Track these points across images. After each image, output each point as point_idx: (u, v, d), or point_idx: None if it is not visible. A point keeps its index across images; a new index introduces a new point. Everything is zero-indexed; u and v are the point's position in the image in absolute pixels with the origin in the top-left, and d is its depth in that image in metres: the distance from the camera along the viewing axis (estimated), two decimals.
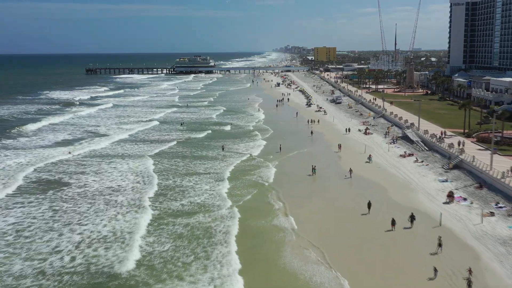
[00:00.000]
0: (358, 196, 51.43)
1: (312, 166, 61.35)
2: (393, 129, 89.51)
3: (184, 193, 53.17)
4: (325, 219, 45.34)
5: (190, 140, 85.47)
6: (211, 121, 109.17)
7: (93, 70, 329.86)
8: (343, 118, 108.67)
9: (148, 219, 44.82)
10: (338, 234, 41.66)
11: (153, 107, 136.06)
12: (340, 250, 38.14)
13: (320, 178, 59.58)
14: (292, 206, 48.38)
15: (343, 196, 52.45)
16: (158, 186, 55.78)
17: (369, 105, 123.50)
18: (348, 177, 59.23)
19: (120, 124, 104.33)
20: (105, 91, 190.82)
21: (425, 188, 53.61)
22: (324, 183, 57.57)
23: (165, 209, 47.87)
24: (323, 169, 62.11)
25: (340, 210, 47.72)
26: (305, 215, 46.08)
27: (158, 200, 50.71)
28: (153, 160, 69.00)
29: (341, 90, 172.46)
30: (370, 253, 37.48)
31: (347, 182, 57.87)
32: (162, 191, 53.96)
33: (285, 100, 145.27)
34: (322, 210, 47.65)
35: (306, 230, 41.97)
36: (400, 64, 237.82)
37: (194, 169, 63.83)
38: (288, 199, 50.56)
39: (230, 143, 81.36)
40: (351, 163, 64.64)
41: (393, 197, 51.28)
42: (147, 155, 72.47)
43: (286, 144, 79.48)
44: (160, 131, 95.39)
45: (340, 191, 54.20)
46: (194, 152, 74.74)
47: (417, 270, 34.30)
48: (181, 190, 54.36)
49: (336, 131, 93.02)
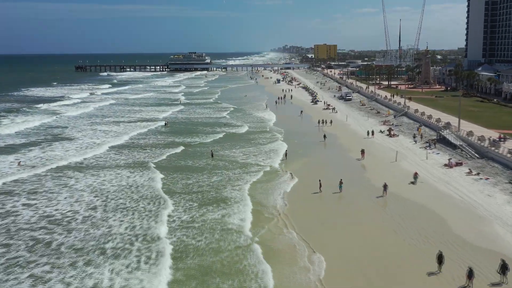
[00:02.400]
0: (406, 230, 35.14)
1: (340, 181, 45.25)
2: (423, 129, 73.26)
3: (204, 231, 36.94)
4: (363, 270, 29.10)
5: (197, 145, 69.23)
6: (221, 122, 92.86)
7: (83, 68, 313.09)
8: (358, 117, 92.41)
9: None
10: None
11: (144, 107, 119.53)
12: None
13: (345, 197, 43.44)
14: (316, 243, 32.19)
15: (383, 229, 36.07)
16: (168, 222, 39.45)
17: (385, 102, 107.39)
18: (382, 195, 43.19)
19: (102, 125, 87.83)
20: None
21: (500, 216, 37.39)
22: (351, 206, 41.30)
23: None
24: (346, 184, 45.97)
25: (386, 258, 31.42)
26: (332, 259, 29.89)
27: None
28: (161, 173, 52.52)
29: (348, 87, 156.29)
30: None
31: (381, 203, 41.65)
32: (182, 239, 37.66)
33: (288, 97, 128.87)
34: (355, 256, 31.37)
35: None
36: (409, 59, 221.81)
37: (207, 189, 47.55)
38: (308, 233, 34.37)
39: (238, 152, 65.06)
40: (381, 176, 48.83)
41: (456, 230, 35.03)
42: (152, 166, 55.62)
43: (294, 148, 63.39)
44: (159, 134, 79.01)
45: (376, 220, 37.85)
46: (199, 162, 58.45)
47: None
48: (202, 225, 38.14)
49: (351, 132, 76.79)
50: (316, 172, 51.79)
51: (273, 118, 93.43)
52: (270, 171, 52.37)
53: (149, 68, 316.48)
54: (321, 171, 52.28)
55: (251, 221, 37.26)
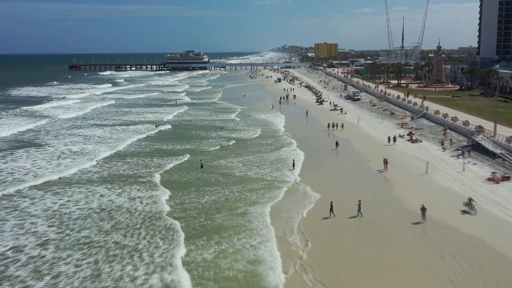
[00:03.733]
0: (468, 280, 25.46)
1: (358, 202, 35.57)
2: (449, 134, 63.59)
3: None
4: None
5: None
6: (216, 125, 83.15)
7: (77, 67, 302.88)
8: (370, 119, 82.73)
9: None
10: None
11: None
12: None
13: (368, 224, 33.78)
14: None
15: (433, 276, 26.26)
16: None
17: (398, 102, 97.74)
18: (420, 221, 33.65)
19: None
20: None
21: None
22: (380, 237, 31.54)
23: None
24: (369, 204, 36.50)
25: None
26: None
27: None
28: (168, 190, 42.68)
29: (354, 85, 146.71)
30: None
31: (421, 234, 31.94)
32: None
33: (291, 97, 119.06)
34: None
35: None
36: (415, 58, 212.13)
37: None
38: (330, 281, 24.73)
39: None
40: (413, 193, 39.78)
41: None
42: (157, 181, 45.36)
43: (302, 156, 53.77)
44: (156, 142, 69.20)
45: (419, 259, 28.09)
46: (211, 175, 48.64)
47: None
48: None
49: (366, 137, 67.11)
50: (330, 188, 42.15)
51: (283, 120, 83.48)
52: (277, 186, 42.70)
53: (145, 67, 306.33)
54: (337, 187, 42.71)
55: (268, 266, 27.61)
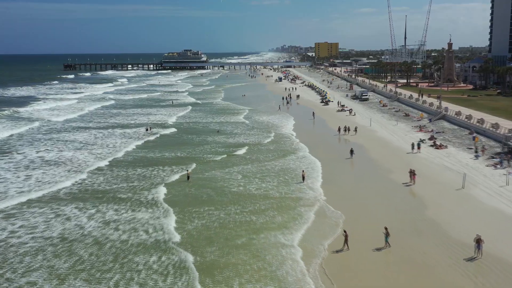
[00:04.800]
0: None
1: (384, 230, 27.82)
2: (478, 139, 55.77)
3: None
4: None
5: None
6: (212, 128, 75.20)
7: (72, 66, 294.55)
8: (383, 122, 74.86)
9: None
10: None
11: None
12: None
13: (404, 260, 26.02)
14: None
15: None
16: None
17: (410, 102, 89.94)
18: (473, 256, 25.93)
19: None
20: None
21: None
22: (421, 283, 23.74)
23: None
24: (399, 230, 28.98)
25: None
26: None
27: None
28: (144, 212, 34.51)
29: (359, 85, 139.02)
30: None
31: (476, 277, 24.16)
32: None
33: (294, 97, 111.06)
34: None
35: None
36: (421, 57, 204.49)
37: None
38: None
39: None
40: (454, 215, 32.23)
41: None
42: (161, 198, 37.40)
43: (313, 167, 45.94)
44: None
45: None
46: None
47: None
48: None
49: (383, 143, 59.17)
50: (349, 208, 34.32)
51: (291, 123, 75.74)
52: (289, 205, 34.88)
53: (142, 67, 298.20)
54: (357, 207, 34.83)
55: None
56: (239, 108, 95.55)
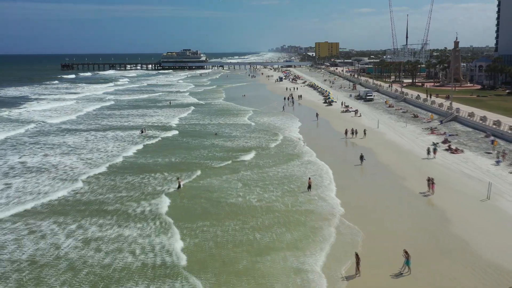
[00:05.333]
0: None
1: (403, 253, 23.82)
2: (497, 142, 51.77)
3: None
4: None
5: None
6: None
7: (70, 66, 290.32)
8: (391, 123, 70.85)
9: None
10: None
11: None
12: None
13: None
14: None
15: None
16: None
17: (418, 103, 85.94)
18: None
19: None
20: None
21: None
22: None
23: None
24: (422, 250, 25.24)
25: None
26: None
27: None
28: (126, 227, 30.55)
29: (362, 85, 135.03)
30: None
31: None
32: None
33: (296, 97, 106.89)
34: None
35: None
36: (425, 56, 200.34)
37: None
38: None
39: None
40: (485, 231, 28.24)
41: None
42: (163, 211, 33.09)
43: (320, 174, 41.93)
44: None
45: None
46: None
47: None
48: None
49: (393, 146, 55.11)
50: (363, 223, 30.35)
51: (297, 124, 71.71)
52: (297, 222, 30.90)
53: (140, 66, 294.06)
54: (371, 222, 30.84)
55: None
56: (242, 109, 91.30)
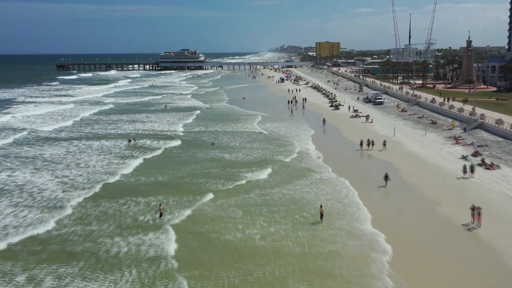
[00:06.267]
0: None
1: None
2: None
3: None
4: None
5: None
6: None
7: (65, 66, 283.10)
8: (408, 131, 63.67)
9: None
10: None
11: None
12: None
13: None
14: None
15: None
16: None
17: (434, 107, 78.68)
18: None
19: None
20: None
21: None
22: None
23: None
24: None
25: None
26: None
27: None
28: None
29: (369, 86, 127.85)
30: None
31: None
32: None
33: (300, 100, 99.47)
34: None
35: None
36: (430, 56, 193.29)
37: None
38: None
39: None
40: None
41: None
42: (144, 254, 26.45)
43: (337, 201, 34.78)
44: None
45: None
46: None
47: None
48: None
49: (416, 160, 47.81)
50: (411, 272, 23.20)
51: (308, 131, 65.00)
52: (322, 270, 23.78)
53: (138, 67, 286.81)
54: (418, 273, 23.69)
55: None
56: (250, 114, 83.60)
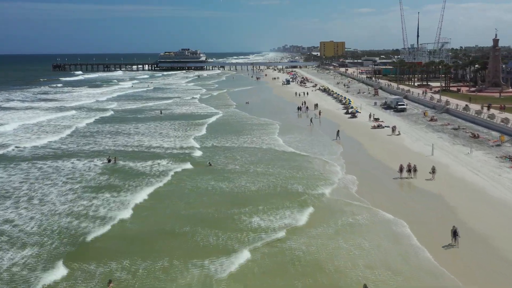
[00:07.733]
0: None
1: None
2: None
3: None
4: None
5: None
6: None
7: (61, 66, 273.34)
8: (446, 146, 52.83)
9: None
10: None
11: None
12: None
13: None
14: None
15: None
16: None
17: (470, 116, 67.92)
18: None
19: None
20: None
21: None
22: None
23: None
24: None
25: None
26: None
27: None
28: None
29: (384, 89, 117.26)
30: None
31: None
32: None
33: (311, 106, 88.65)
34: None
35: None
36: (445, 56, 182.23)
37: None
38: None
39: None
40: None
41: None
42: None
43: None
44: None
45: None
46: None
47: None
48: None
49: (470, 191, 37.01)
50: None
51: (336, 147, 53.96)
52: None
53: (136, 67, 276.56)
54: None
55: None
56: (264, 122, 73.10)
